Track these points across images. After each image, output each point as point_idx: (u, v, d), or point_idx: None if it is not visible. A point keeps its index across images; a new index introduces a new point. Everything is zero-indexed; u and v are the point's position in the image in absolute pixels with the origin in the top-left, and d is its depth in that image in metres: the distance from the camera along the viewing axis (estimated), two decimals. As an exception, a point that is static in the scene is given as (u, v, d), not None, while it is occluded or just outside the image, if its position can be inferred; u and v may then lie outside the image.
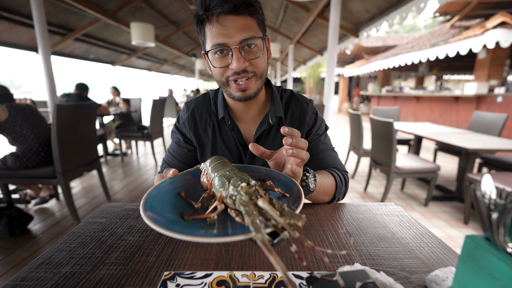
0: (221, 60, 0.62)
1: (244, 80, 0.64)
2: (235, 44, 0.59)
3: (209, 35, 0.61)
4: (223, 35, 0.59)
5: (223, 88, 0.68)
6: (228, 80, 0.64)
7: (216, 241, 0.33)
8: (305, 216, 0.33)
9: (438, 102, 5.90)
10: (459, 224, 2.15)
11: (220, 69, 0.64)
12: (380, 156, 2.48)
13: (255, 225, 0.30)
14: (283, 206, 0.35)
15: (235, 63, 0.60)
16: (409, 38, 10.02)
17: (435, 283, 0.39)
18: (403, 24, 24.62)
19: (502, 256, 0.30)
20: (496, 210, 0.32)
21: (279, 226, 0.32)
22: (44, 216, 2.21)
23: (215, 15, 0.58)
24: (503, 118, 2.70)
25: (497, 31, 4.01)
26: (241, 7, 0.58)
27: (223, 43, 0.59)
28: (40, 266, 0.46)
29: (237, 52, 0.60)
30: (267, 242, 0.27)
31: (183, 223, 0.39)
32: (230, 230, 0.38)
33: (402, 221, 0.62)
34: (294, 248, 0.27)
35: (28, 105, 2.07)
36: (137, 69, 8.44)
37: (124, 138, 3.88)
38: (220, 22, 0.58)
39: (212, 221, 0.39)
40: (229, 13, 0.58)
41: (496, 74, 4.97)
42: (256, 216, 0.33)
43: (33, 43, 4.02)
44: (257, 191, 0.39)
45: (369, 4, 3.20)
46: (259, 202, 0.35)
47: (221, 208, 0.41)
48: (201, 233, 0.35)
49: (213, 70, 0.66)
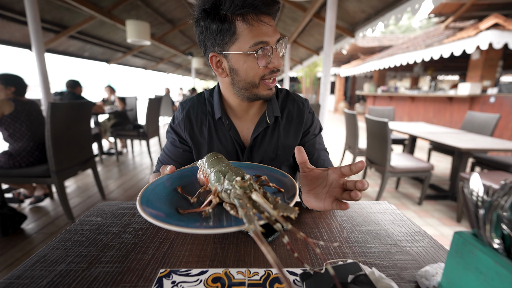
0: (262, 59, 0.62)
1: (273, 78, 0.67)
2: (274, 42, 0.62)
3: (247, 33, 0.59)
4: (265, 34, 0.60)
5: (247, 90, 0.67)
6: (260, 80, 0.66)
7: (209, 233, 0.34)
8: (298, 209, 0.33)
9: (432, 102, 5.97)
10: (452, 223, 2.18)
11: (257, 69, 0.64)
12: (375, 156, 2.51)
13: (248, 217, 0.31)
14: (277, 200, 0.36)
15: (276, 61, 0.63)
16: (405, 38, 10.11)
17: (425, 279, 0.41)
18: (399, 25, 24.84)
19: (488, 251, 0.31)
20: (482, 207, 0.33)
21: (272, 219, 0.33)
22: (38, 215, 2.19)
23: (254, 14, 0.59)
24: (495, 118, 2.75)
25: (490, 33, 4.07)
26: (274, 8, 0.61)
27: (267, 41, 0.61)
28: (35, 264, 0.46)
29: (275, 50, 0.63)
30: (259, 233, 0.28)
31: (179, 217, 0.40)
32: (225, 223, 0.38)
33: (395, 219, 0.63)
34: (286, 240, 0.28)
35: (34, 102, 2.04)
36: (133, 68, 8.37)
37: (119, 137, 3.85)
38: (262, 21, 0.60)
39: (207, 215, 0.40)
40: (266, 13, 0.61)
41: (489, 75, 5.05)
42: (249, 209, 0.33)
43: (27, 40, 3.96)
44: (251, 185, 0.39)
45: (365, 5, 3.22)
46: (253, 196, 0.36)
47: (216, 201, 0.42)
48: (196, 226, 0.36)
49: (244, 70, 0.64)
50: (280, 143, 0.76)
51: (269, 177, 0.52)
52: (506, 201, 0.31)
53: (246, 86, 0.66)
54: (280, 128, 0.77)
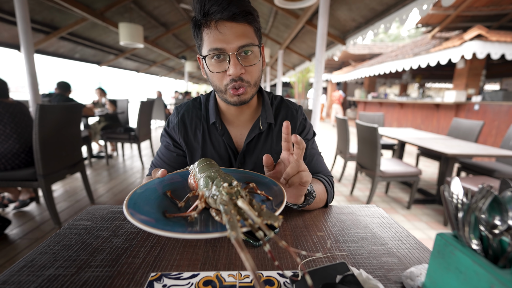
0: (218, 65, 0.63)
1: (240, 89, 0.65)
2: (233, 50, 0.60)
3: (206, 39, 0.61)
4: (221, 41, 0.59)
5: (219, 94, 0.69)
6: (226, 89, 0.65)
7: (192, 238, 0.34)
8: (282, 217, 0.34)
9: (421, 108, 6.15)
10: (439, 226, 2.24)
11: (218, 75, 0.64)
12: (366, 160, 2.56)
13: (231, 223, 0.31)
14: (262, 207, 0.36)
15: (232, 69, 0.60)
16: (394, 46, 10.41)
17: (410, 279, 0.42)
18: (388, 33, 25.58)
19: (467, 252, 0.33)
20: (462, 210, 0.35)
21: (256, 226, 0.33)
22: (23, 220, 2.12)
23: (214, 21, 0.59)
24: (479, 125, 2.85)
25: (474, 43, 4.25)
26: (239, 15, 0.59)
27: (221, 48, 0.60)
28: (22, 269, 0.45)
29: (234, 58, 0.60)
30: (240, 240, 0.28)
31: (164, 221, 0.40)
32: (211, 228, 0.39)
33: (383, 222, 0.65)
34: (267, 248, 0.28)
35: (20, 103, 1.98)
36: (125, 70, 8.28)
37: (109, 140, 3.78)
38: (218, 28, 0.59)
39: (193, 220, 0.40)
40: (228, 20, 0.59)
41: (473, 83, 5.25)
42: (234, 215, 0.34)
43: (15, 40, 3.87)
44: (238, 191, 0.39)
45: (355, 14, 3.32)
46: (239, 202, 0.36)
47: (202, 206, 0.42)
48: (180, 230, 0.36)
49: (210, 75, 0.66)
50: (273, 149, 0.77)
51: (259, 184, 0.52)
52: (484, 203, 0.33)
53: (217, 91, 0.68)
54: (273, 134, 0.78)
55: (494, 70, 7.65)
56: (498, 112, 4.25)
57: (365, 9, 3.11)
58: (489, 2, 4.64)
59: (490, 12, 4.88)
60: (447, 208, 0.37)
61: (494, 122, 4.29)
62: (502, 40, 4.25)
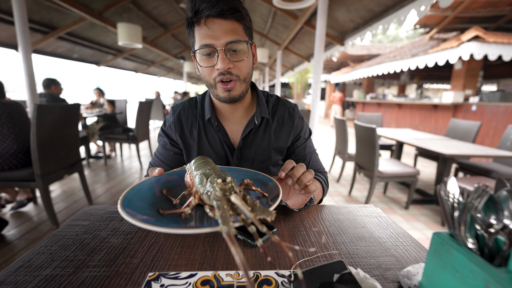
0: (207, 60, 0.65)
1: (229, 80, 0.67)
2: (221, 45, 0.62)
3: (197, 36, 0.64)
4: (210, 37, 0.62)
5: (210, 89, 0.71)
6: (215, 82, 0.67)
7: (184, 232, 0.34)
8: (275, 212, 0.34)
9: (419, 109, 6.17)
10: (437, 226, 2.25)
11: (207, 70, 0.66)
12: (364, 161, 2.56)
13: (224, 218, 0.31)
14: (255, 202, 0.37)
15: (220, 63, 0.63)
16: (392, 47, 10.45)
17: (407, 278, 0.42)
18: (386, 34, 25.69)
19: (463, 251, 0.33)
20: (458, 209, 0.35)
21: (249, 221, 0.33)
22: (21, 221, 2.11)
23: (204, 18, 0.62)
24: (477, 125, 2.87)
25: (471, 44, 4.27)
26: (228, 12, 0.61)
27: (210, 44, 0.62)
28: (19, 269, 0.45)
29: (222, 53, 0.62)
30: (231, 235, 0.28)
31: (158, 217, 0.40)
32: (205, 224, 0.39)
33: (380, 222, 0.65)
34: (260, 243, 0.29)
35: (16, 103, 1.97)
36: (123, 70, 8.26)
37: (108, 140, 3.77)
38: (207, 25, 0.62)
39: (187, 216, 0.40)
40: (217, 16, 0.62)
41: (470, 84, 5.28)
42: (227, 210, 0.34)
43: (13, 40, 3.85)
44: (232, 187, 0.40)
45: (354, 15, 3.33)
46: (232, 198, 0.36)
47: (195, 202, 0.42)
48: (173, 226, 0.36)
49: (201, 71, 0.68)
50: (271, 145, 0.79)
51: (254, 181, 0.52)
52: (479, 203, 0.34)
53: (208, 86, 0.70)
54: (271, 131, 0.79)
55: (491, 71, 7.69)
56: (495, 113, 4.27)
57: (364, 10, 3.12)
58: (487, 4, 4.67)
59: (488, 13, 4.91)
60: (443, 207, 0.37)
61: (492, 123, 4.32)
62: (499, 41, 4.28)
